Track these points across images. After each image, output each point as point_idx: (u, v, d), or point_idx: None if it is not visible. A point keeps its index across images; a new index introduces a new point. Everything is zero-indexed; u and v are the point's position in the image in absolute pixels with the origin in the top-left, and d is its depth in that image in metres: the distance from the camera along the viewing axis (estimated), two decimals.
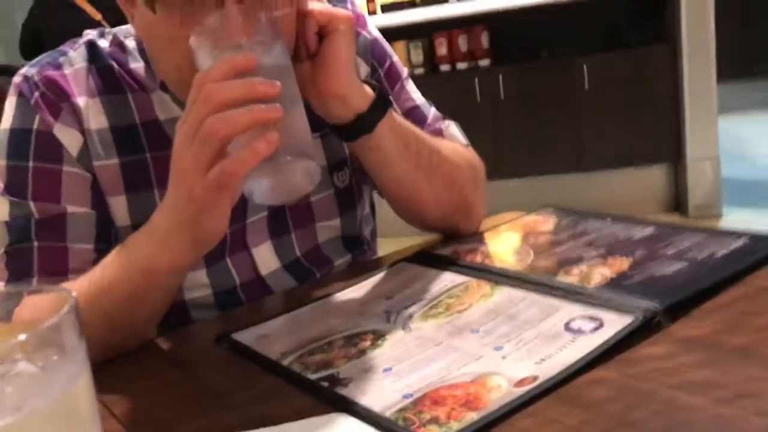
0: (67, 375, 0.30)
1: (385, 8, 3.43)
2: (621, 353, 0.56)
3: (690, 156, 3.33)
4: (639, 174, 3.43)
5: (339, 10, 0.74)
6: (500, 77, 3.34)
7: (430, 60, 3.46)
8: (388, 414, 0.53)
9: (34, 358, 0.31)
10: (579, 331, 0.60)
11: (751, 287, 0.65)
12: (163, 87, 0.81)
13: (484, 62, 3.43)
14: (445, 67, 3.45)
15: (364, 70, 0.90)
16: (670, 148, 3.37)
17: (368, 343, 0.65)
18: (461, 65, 3.44)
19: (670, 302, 0.61)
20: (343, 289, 0.80)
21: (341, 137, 0.81)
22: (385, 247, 1.00)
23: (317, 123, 0.87)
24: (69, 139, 0.78)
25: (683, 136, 3.32)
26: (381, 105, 0.77)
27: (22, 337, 0.28)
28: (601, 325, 0.61)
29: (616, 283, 0.68)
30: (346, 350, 0.64)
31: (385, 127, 0.77)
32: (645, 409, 0.49)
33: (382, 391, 0.56)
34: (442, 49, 3.45)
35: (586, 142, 3.39)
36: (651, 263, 0.72)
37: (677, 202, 3.46)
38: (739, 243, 0.74)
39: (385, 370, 0.60)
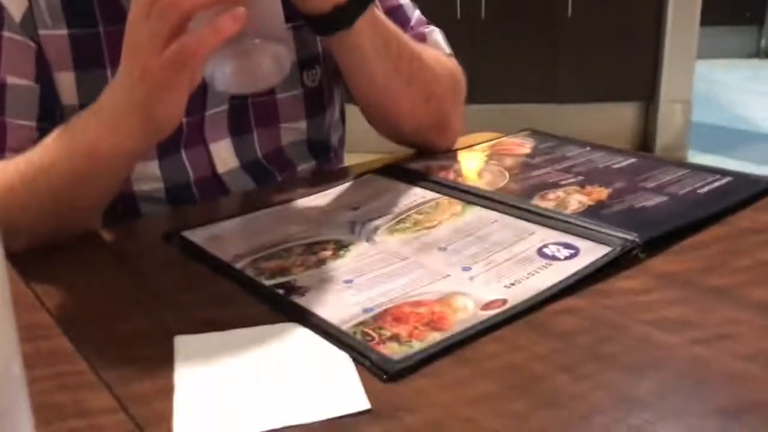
0: None
1: None
2: (595, 284, 0.53)
3: (663, 97, 3.30)
4: (610, 110, 3.40)
5: None
6: None
7: None
8: (345, 327, 0.49)
9: None
10: (553, 257, 0.57)
11: (733, 227, 0.62)
12: None
13: None
14: None
15: None
16: (644, 87, 3.34)
17: (329, 252, 0.61)
18: None
19: (650, 236, 0.58)
20: (305, 195, 0.75)
21: (316, 31, 0.74)
22: (352, 162, 0.94)
23: (289, 13, 0.80)
24: (11, 2, 0.70)
25: (659, 76, 3.29)
26: None
27: None
28: (576, 252, 0.57)
29: (593, 211, 0.65)
30: (304, 258, 0.60)
31: (365, 22, 0.71)
32: (617, 343, 0.46)
33: (341, 303, 0.53)
34: None
35: (563, 74, 3.34)
36: (630, 195, 0.69)
37: (645, 141, 3.46)
38: (722, 181, 0.71)
39: (346, 281, 0.56)
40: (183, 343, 0.48)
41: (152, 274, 0.62)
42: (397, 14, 0.84)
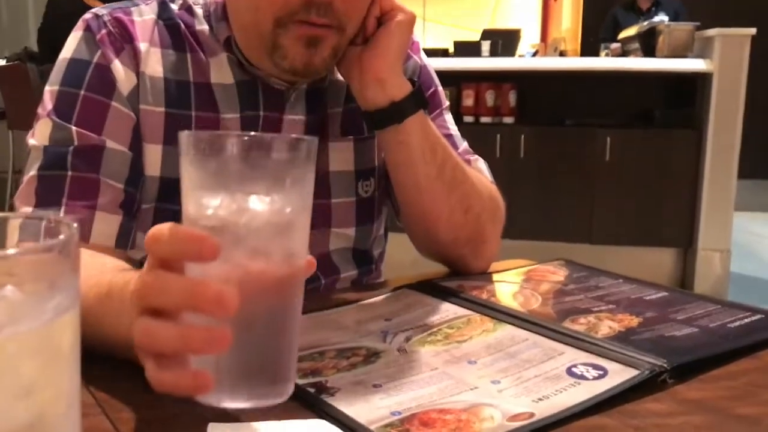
0: (54, 307, 0.29)
1: None
2: (622, 404, 0.54)
3: (701, 245, 3.31)
4: (647, 254, 3.41)
5: (402, 5, 0.79)
6: (522, 137, 3.36)
7: (455, 110, 3.49)
8: (373, 428, 0.50)
9: (24, 287, 0.29)
10: (581, 377, 0.58)
11: (762, 362, 0.62)
12: (227, 46, 0.82)
13: (509, 119, 3.46)
14: (468, 119, 3.47)
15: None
16: (681, 234, 3.36)
17: (360, 358, 0.63)
18: (485, 119, 3.47)
19: (679, 362, 0.59)
20: (341, 305, 0.78)
21: (371, 124, 0.82)
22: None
23: (352, 128, 0.87)
24: (124, 77, 0.79)
25: (697, 224, 3.31)
26: (416, 100, 0.79)
27: (11, 251, 0.26)
28: (605, 373, 0.58)
29: (623, 336, 0.66)
30: (336, 362, 0.62)
31: (416, 123, 0.79)
32: None
33: (370, 405, 0.54)
34: (468, 101, 3.48)
35: (599, 215, 3.39)
36: (661, 324, 0.70)
37: (682, 288, 3.43)
38: (753, 318, 0.72)
39: (375, 385, 0.57)
40: (216, 429, 0.50)
41: None
42: (447, 141, 0.91)
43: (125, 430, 0.50)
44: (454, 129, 0.95)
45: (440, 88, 0.97)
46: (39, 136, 0.78)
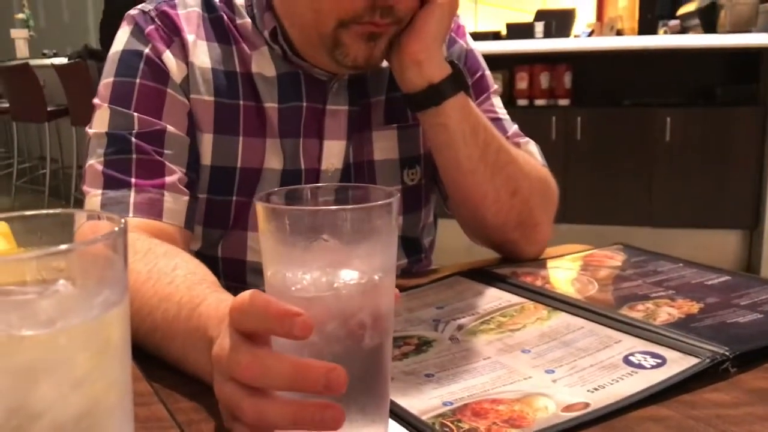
0: (104, 301, 0.29)
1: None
2: (682, 394, 0.52)
3: None
4: (711, 237, 3.31)
5: None
6: (578, 119, 3.29)
7: (509, 93, 3.44)
8: (424, 418, 0.50)
9: (75, 282, 0.30)
10: (639, 366, 0.56)
11: None
12: (273, 36, 0.82)
13: (564, 102, 3.39)
14: (522, 102, 3.42)
15: None
16: (747, 215, 3.24)
17: (412, 347, 0.63)
18: (540, 102, 3.41)
19: (741, 350, 0.57)
20: None
21: (410, 107, 0.82)
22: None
23: (395, 116, 0.87)
24: (175, 67, 0.81)
25: (763, 204, 3.19)
26: (455, 83, 0.79)
27: (63, 247, 0.27)
28: (663, 362, 0.57)
29: (683, 323, 0.64)
30: None
31: (455, 105, 0.78)
32: None
33: (422, 395, 0.54)
34: (522, 84, 3.42)
35: (659, 197, 3.30)
36: (723, 310, 0.67)
37: (749, 271, 3.31)
38: None
39: (427, 375, 0.57)
40: None
41: None
42: (495, 125, 0.89)
43: (182, 419, 0.51)
44: (502, 112, 0.94)
45: (488, 72, 0.95)
46: (98, 124, 0.80)
